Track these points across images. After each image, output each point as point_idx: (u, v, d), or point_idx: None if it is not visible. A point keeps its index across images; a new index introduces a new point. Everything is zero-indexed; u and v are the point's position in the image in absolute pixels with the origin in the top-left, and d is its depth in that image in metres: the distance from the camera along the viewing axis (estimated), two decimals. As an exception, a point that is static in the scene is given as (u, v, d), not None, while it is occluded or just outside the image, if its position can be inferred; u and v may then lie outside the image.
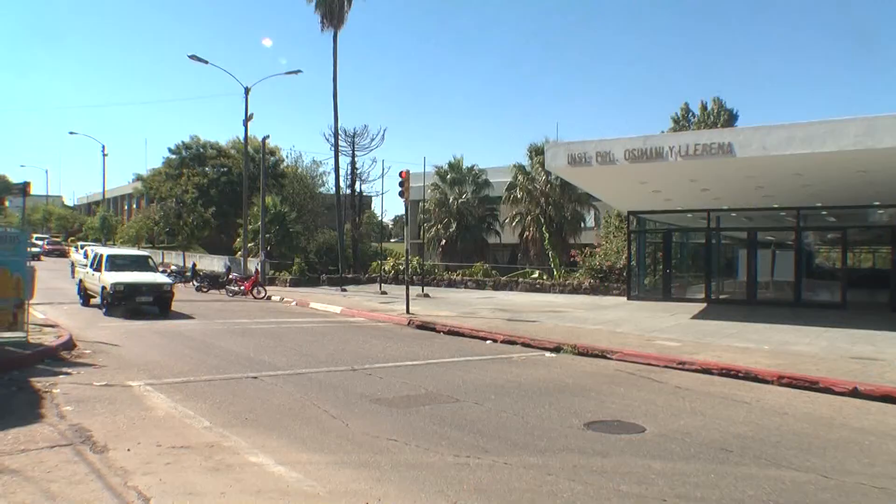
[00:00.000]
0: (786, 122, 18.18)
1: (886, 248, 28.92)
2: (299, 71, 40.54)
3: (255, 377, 11.92)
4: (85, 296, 25.22)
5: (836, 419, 9.70)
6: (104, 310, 22.17)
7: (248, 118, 40.76)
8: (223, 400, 10.07)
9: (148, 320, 20.55)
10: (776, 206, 27.21)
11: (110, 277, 22.12)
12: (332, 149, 45.79)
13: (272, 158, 62.49)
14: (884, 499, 6.52)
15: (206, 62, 37.97)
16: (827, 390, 11.51)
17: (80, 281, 26.09)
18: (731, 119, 53.22)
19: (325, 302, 28.02)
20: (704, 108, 54.73)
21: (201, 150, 67.71)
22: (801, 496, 6.49)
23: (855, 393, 11.22)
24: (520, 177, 46.97)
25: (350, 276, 42.03)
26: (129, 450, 7.42)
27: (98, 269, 23.30)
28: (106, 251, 24.83)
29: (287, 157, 65.95)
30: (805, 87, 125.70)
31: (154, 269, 24.85)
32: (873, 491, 6.71)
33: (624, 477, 6.87)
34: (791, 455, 7.80)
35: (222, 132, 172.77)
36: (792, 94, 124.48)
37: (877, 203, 26.12)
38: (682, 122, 54.72)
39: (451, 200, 49.74)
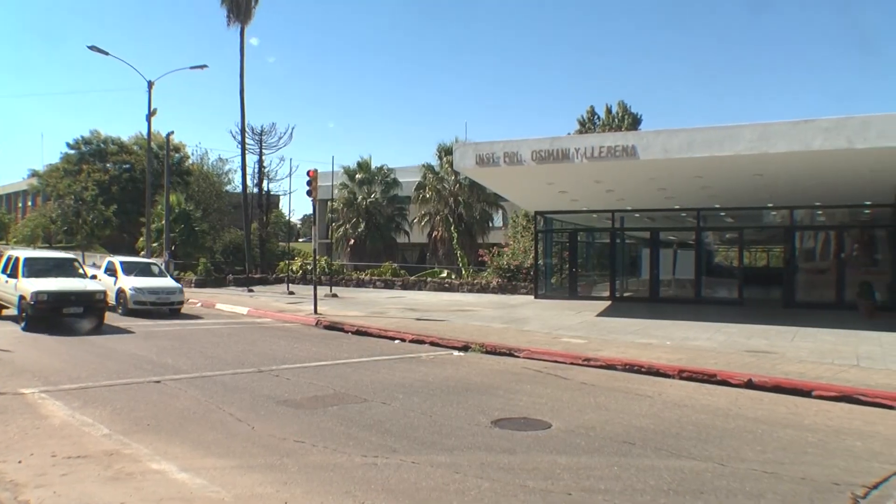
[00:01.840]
0: (687, 126, 18.81)
1: (779, 248, 30.25)
2: (205, 66, 39.51)
3: (158, 381, 11.56)
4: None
5: (732, 410, 10.07)
6: (22, 324, 18.49)
7: (151, 113, 39.50)
8: (124, 406, 9.71)
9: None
10: (677, 207, 28.08)
11: (30, 285, 18.51)
12: (239, 146, 44.87)
13: (177, 155, 60.96)
14: (773, 482, 6.82)
15: (107, 53, 36.59)
16: (724, 383, 11.95)
17: None
18: (634, 123, 54.61)
19: (232, 303, 27.46)
20: (609, 111, 56.00)
21: (102, 145, 65.45)
22: (699, 484, 6.71)
23: (750, 384, 11.69)
24: (429, 176, 47.09)
25: (257, 276, 41.31)
26: (20, 462, 7.04)
27: (13, 275, 19.77)
28: (23, 254, 20.99)
29: (193, 154, 64.54)
30: (705, 93, 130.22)
31: (82, 274, 20.93)
32: (764, 476, 7.00)
33: (530, 473, 6.95)
34: (690, 445, 8.06)
35: (125, 128, 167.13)
36: (693, 99, 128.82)
37: (771, 205, 27.29)
38: (588, 124, 55.87)
39: (359, 200, 49.45)
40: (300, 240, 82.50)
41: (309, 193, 24.45)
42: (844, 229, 27.26)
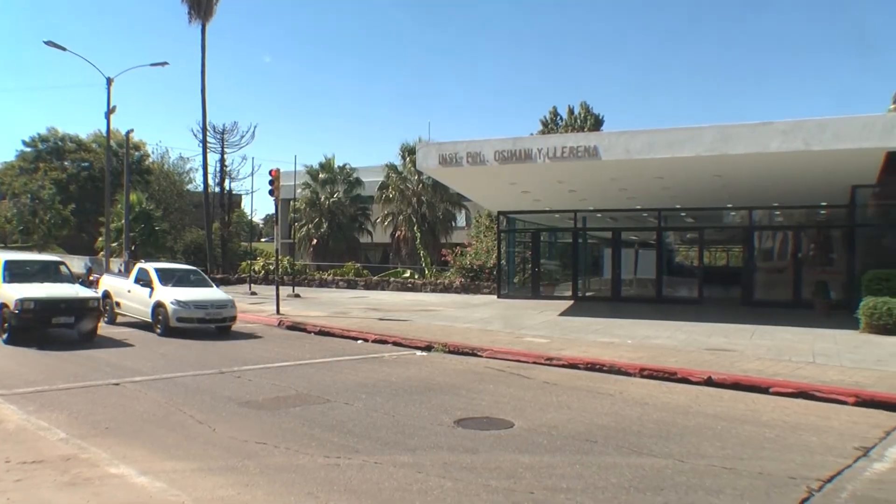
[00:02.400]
0: (648, 127, 19.03)
1: (739, 248, 30.68)
2: (165, 63, 38.93)
3: (117, 384, 11.38)
4: None
5: (692, 407, 10.20)
6: (4, 337, 15.99)
7: (110, 111, 38.84)
8: (82, 409, 9.54)
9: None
10: (639, 207, 28.36)
11: (13, 291, 16.05)
12: (201, 145, 44.40)
13: (137, 154, 60.13)
14: (732, 478, 6.93)
15: (65, 49, 35.84)
16: (684, 380, 12.10)
17: None
18: (597, 124, 54.89)
19: (192, 303, 27.06)
20: (572, 112, 56.22)
21: (60, 143, 64.31)
22: (660, 480, 6.79)
23: (709, 382, 11.85)
24: (392, 176, 46.98)
25: (219, 276, 40.85)
26: (-28, 467, 6.88)
27: None
28: (2, 256, 18.19)
29: (153, 152, 63.74)
30: (668, 96, 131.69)
31: (70, 278, 18.34)
32: (723, 472, 7.11)
33: (493, 472, 6.97)
34: (651, 443, 8.14)
35: (83, 125, 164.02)
36: (654, 101, 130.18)
37: (730, 205, 27.69)
38: (551, 125, 56.06)
39: (322, 200, 49.16)
40: (262, 240, 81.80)
41: (271, 193, 24.28)
42: (801, 229, 27.78)
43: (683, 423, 9.19)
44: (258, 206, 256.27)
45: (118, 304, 20.59)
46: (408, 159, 45.47)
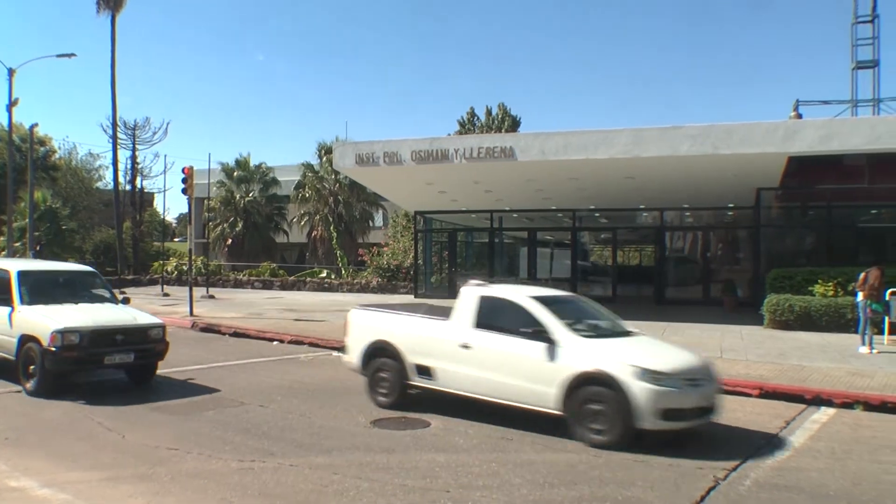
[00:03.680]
0: (565, 129, 19.34)
1: (651, 248, 31.47)
2: (73, 54, 37.24)
3: (20, 391, 10.80)
4: None
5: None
6: (31, 384, 10.52)
7: (12, 103, 37.17)
8: (-24, 419, 9.04)
9: None
10: (554, 207, 28.78)
11: (43, 318, 10.67)
12: (111, 141, 43.00)
13: (42, 149, 57.69)
14: (643, 470, 7.17)
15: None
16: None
17: None
18: (514, 125, 55.32)
19: (101, 305, 26.22)
20: (490, 113, 56.55)
21: (-45, 136, 61.28)
22: (574, 475, 6.92)
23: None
24: (309, 176, 46.47)
25: (130, 277, 39.70)
26: None
27: (3, 300, 11.40)
28: (13, 265, 12.33)
29: (60, 148, 61.04)
30: (582, 98, 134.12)
31: (111, 295, 12.68)
32: (636, 464, 7.35)
33: (409, 472, 6.97)
34: (566, 439, 8.26)
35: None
36: (569, 103, 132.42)
37: (643, 206, 28.39)
38: (468, 125, 56.30)
39: (237, 199, 48.27)
40: (176, 239, 79.81)
41: (184, 191, 23.69)
42: (710, 230, 28.78)
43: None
44: (171, 204, 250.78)
45: None
46: (325, 158, 45.01)
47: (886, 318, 15.69)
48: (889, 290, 15.55)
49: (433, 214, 31.48)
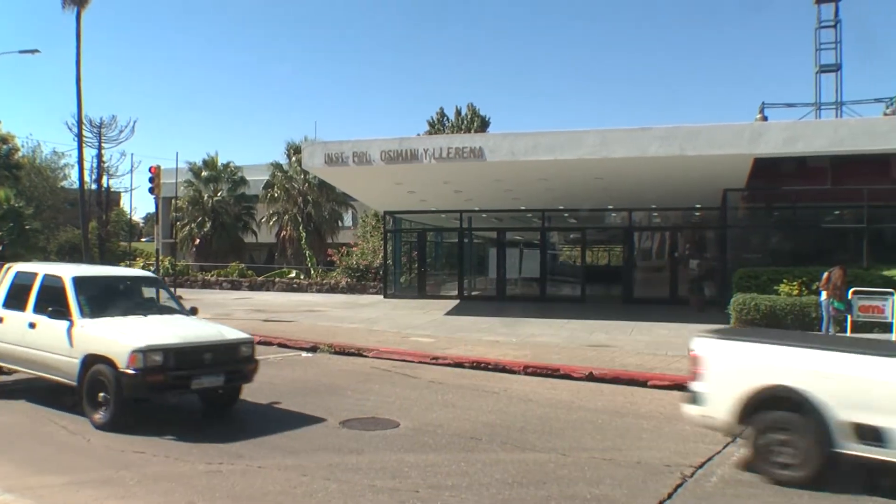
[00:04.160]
0: (534, 130, 19.41)
1: (619, 247, 31.69)
2: (37, 51, 36.65)
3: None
4: None
5: (574, 402, 10.47)
6: (103, 416, 8.62)
7: (-28, 103, 36.66)
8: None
9: None
10: (523, 208, 28.88)
11: (117, 333, 9.03)
12: (76, 139, 42.28)
13: (5, 147, 56.73)
14: (611, 468, 7.21)
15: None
16: (567, 376, 12.40)
17: None
18: (483, 125, 55.44)
19: (65, 306, 25.83)
20: (459, 113, 56.59)
21: (-87, 134, 60.01)
22: (542, 475, 6.95)
23: (591, 377, 12.21)
24: (278, 175, 46.19)
25: (94, 278, 39.14)
26: None
27: (59, 312, 9.41)
28: (66, 271, 10.34)
29: (24, 146, 60.16)
30: (551, 99, 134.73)
31: (179, 306, 11.32)
32: (603, 463, 7.37)
33: (378, 472, 6.96)
34: (534, 438, 8.31)
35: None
36: (538, 104, 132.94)
37: (611, 207, 28.58)
38: (438, 125, 56.31)
39: (205, 198, 47.81)
40: (143, 239, 78.88)
41: (151, 191, 23.50)
42: (678, 230, 29.06)
43: (566, 418, 9.42)
44: (138, 204, 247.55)
45: None
46: (294, 158, 44.76)
47: (849, 317, 15.94)
48: (851, 290, 15.82)
49: (403, 214, 31.42)
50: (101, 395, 8.64)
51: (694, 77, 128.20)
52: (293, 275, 38.32)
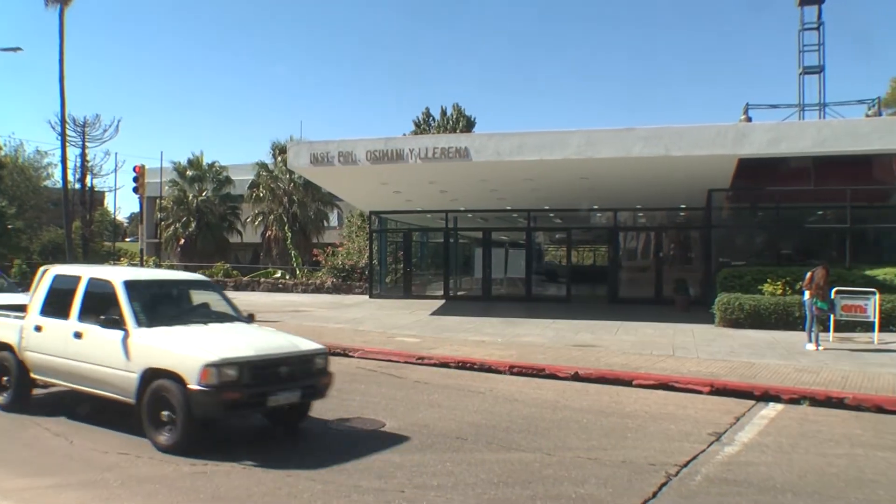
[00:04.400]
0: (520, 130, 19.43)
1: (604, 248, 31.80)
2: (19, 49, 36.38)
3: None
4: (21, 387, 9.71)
5: (559, 402, 10.49)
6: (167, 438, 7.69)
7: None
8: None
9: None
10: (509, 208, 28.90)
11: (187, 346, 8.04)
12: (60, 138, 42.06)
13: (-14, 146, 56.50)
14: (596, 467, 7.22)
15: None
16: (552, 376, 12.42)
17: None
18: (469, 125, 55.44)
19: (48, 307, 25.62)
20: (445, 113, 56.56)
21: None
22: (528, 474, 6.95)
23: (576, 377, 12.22)
24: (263, 175, 46.05)
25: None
26: None
27: (113, 321, 8.45)
28: (116, 274, 9.37)
29: (6, 145, 59.70)
30: (537, 99, 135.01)
31: (237, 313, 9.92)
32: (588, 462, 7.38)
33: (364, 472, 6.94)
34: (520, 438, 8.32)
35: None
36: (525, 104, 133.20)
37: (596, 207, 28.65)
38: (424, 126, 56.26)
39: (190, 198, 47.60)
40: (127, 239, 78.60)
41: (136, 190, 23.41)
42: (663, 230, 29.20)
43: (551, 418, 9.43)
44: (122, 204, 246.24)
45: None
46: (279, 158, 44.63)
47: (832, 316, 16.07)
48: (834, 289, 15.93)
49: (388, 214, 31.41)
50: (165, 413, 7.78)
51: (679, 78, 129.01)
52: (278, 275, 38.22)
